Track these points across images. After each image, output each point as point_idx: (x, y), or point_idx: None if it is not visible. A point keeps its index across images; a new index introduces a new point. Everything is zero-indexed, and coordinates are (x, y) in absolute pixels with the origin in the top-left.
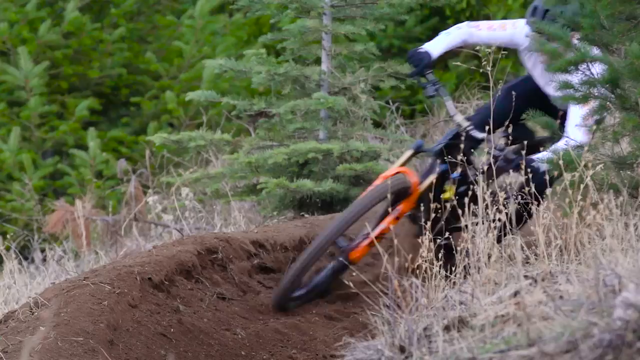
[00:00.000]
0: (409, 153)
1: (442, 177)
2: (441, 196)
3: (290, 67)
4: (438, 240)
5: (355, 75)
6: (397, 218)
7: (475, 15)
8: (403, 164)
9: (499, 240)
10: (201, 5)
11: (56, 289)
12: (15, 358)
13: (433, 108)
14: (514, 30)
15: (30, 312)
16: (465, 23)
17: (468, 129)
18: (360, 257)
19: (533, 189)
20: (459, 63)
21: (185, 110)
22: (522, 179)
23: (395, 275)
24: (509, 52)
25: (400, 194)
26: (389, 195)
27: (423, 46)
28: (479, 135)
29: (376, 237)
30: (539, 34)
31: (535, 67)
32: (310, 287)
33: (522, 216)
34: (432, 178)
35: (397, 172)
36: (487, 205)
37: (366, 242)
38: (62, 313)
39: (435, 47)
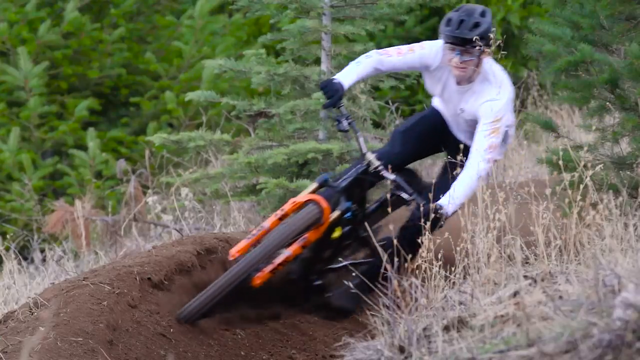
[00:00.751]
0: (313, 186)
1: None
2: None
3: (289, 67)
4: (311, 280)
5: None
6: (303, 246)
7: None
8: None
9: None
10: (201, 5)
11: (55, 289)
12: (15, 358)
13: None
14: (421, 51)
15: (30, 312)
16: (374, 51)
17: (379, 168)
18: (261, 283)
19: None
20: None
21: (184, 110)
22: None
23: (395, 276)
24: (509, 52)
25: (312, 223)
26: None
27: (336, 76)
28: (390, 176)
29: (279, 264)
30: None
31: (444, 91)
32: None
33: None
34: (337, 213)
35: (309, 200)
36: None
37: (269, 268)
38: (61, 313)
39: (346, 77)
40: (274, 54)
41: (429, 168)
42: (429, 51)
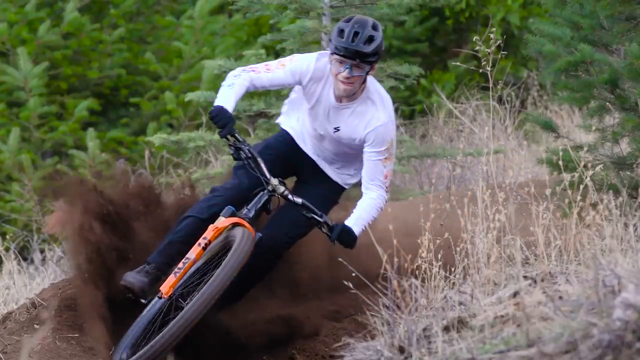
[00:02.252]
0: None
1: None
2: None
3: None
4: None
5: None
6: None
7: (474, 16)
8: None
9: None
10: (200, 5)
11: (54, 288)
12: (15, 359)
13: (432, 109)
14: (292, 65)
15: (28, 312)
16: (241, 69)
17: (285, 193)
18: None
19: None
20: (458, 63)
21: (184, 110)
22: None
23: (395, 276)
24: (510, 53)
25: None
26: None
27: (218, 103)
28: (298, 200)
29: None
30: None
31: (318, 107)
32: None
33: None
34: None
35: (234, 224)
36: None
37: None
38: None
39: (227, 103)
40: (274, 55)
41: (430, 168)
42: (301, 64)
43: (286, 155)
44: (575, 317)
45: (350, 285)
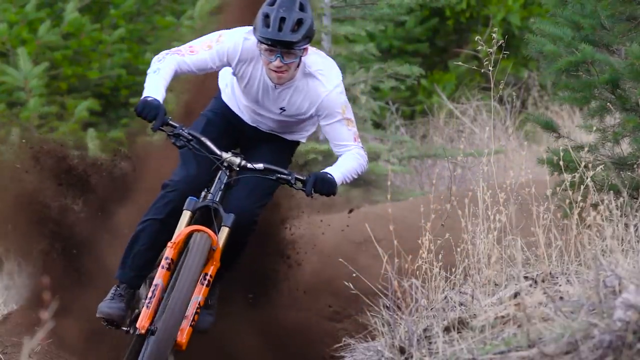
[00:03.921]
0: (187, 215)
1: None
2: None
3: None
4: None
5: (355, 76)
6: (209, 285)
7: (475, 16)
8: (188, 225)
9: None
10: (201, 6)
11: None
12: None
13: (433, 109)
14: (219, 46)
15: (28, 313)
16: (165, 52)
17: (243, 163)
18: (187, 342)
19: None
20: (459, 63)
21: None
22: None
23: (395, 277)
24: (510, 53)
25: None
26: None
27: (146, 95)
28: (259, 166)
29: (195, 314)
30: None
31: (256, 91)
32: None
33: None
34: (226, 231)
35: (191, 232)
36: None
37: (186, 323)
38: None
39: (156, 91)
40: None
41: (430, 168)
42: (228, 45)
43: (228, 126)
44: (576, 317)
45: (351, 286)
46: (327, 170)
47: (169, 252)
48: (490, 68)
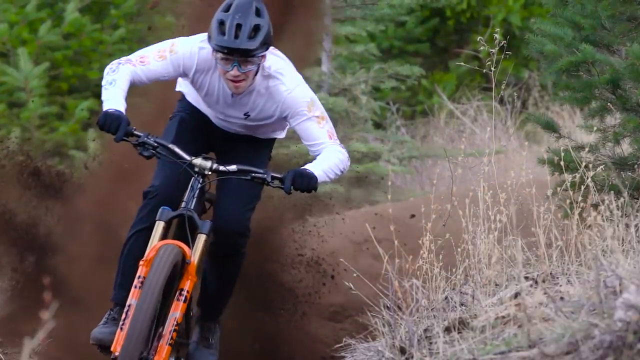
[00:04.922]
0: (161, 225)
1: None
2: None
3: None
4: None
5: (356, 77)
6: (185, 301)
7: (475, 16)
8: (162, 238)
9: None
10: None
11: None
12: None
13: (433, 109)
14: (173, 56)
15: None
16: (116, 62)
17: (215, 167)
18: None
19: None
20: (460, 63)
21: None
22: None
23: (395, 277)
24: (511, 53)
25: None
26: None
27: (106, 107)
28: (232, 168)
29: (173, 332)
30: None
31: (215, 99)
32: None
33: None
34: (203, 239)
35: (159, 247)
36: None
37: (165, 340)
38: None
39: (116, 103)
40: None
41: (430, 169)
42: (183, 54)
43: (200, 126)
44: (577, 318)
45: (351, 286)
46: (306, 166)
47: (140, 270)
48: (492, 68)
